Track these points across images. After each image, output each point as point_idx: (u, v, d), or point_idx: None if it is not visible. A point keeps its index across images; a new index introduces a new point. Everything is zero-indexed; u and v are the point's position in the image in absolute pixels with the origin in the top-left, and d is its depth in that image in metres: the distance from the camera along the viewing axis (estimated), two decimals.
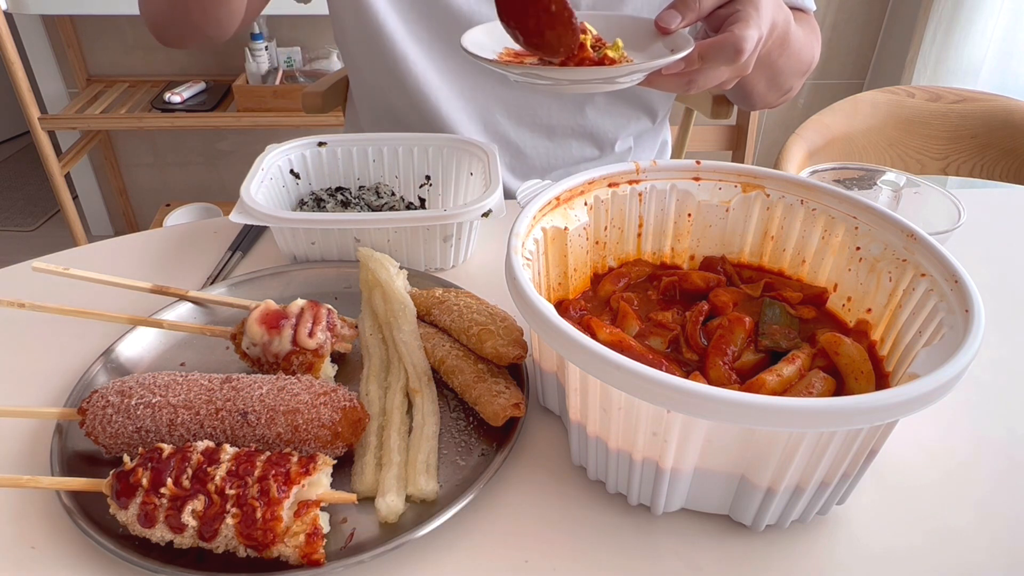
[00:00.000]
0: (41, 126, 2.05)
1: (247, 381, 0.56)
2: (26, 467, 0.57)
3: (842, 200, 0.60)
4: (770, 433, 0.44)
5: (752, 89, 0.91)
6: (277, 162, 0.87)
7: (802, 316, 0.60)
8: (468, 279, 0.77)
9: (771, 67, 0.86)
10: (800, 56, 0.88)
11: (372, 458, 0.56)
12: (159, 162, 2.56)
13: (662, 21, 0.69)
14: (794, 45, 0.84)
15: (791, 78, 0.91)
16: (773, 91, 0.93)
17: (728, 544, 0.52)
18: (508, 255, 0.53)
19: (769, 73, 0.88)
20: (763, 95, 0.94)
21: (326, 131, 1.03)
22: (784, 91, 0.94)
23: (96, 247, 0.85)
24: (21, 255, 0.78)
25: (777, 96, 0.95)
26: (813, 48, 0.91)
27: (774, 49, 0.81)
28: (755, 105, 0.98)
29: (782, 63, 0.86)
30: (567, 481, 0.56)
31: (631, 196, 0.65)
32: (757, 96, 0.94)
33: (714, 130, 1.90)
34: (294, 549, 0.48)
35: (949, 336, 0.47)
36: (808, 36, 0.91)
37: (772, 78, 0.90)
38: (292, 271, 0.78)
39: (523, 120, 1.02)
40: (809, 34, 0.92)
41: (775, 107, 1.00)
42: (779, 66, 0.86)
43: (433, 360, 0.64)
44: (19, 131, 3.26)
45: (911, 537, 0.52)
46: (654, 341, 0.58)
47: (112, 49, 2.34)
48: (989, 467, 0.58)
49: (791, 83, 0.92)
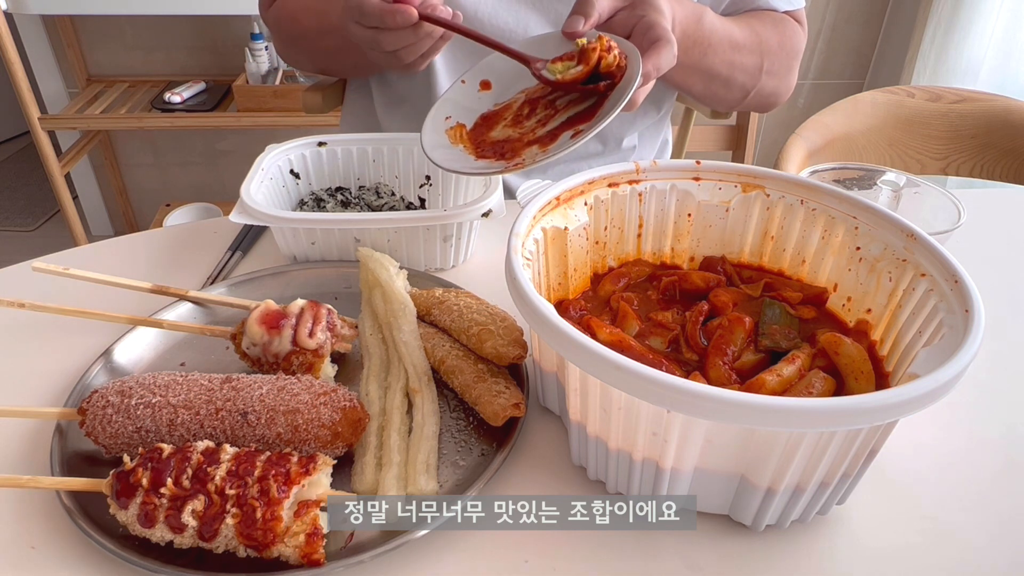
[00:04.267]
0: (41, 126, 2.05)
1: (247, 381, 0.56)
2: (26, 467, 0.57)
3: (842, 200, 0.60)
4: (770, 433, 0.44)
5: (690, 89, 0.91)
6: (277, 162, 0.87)
7: (802, 316, 0.60)
8: (468, 279, 0.77)
9: (697, 69, 0.86)
10: (738, 52, 0.87)
11: (372, 458, 0.56)
12: (159, 162, 2.56)
13: (569, 27, 0.70)
14: (717, 40, 0.84)
15: (735, 77, 0.90)
16: (721, 89, 0.91)
17: (728, 544, 0.52)
18: (508, 255, 0.53)
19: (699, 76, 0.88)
20: (711, 95, 0.92)
21: (326, 131, 1.02)
22: (738, 88, 0.92)
23: (96, 247, 0.85)
24: (21, 255, 0.78)
25: (735, 95, 0.94)
26: (764, 44, 0.90)
27: (688, 48, 0.81)
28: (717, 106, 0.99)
29: (708, 62, 0.86)
30: (567, 481, 0.56)
31: (631, 196, 0.65)
32: (705, 97, 0.94)
33: (714, 130, 1.90)
34: (294, 549, 0.48)
35: (949, 336, 0.47)
36: (759, 32, 0.90)
37: (707, 78, 0.89)
38: (292, 271, 0.78)
39: None
40: (764, 29, 0.91)
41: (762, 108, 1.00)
42: (706, 66, 0.86)
43: (433, 360, 0.64)
44: (19, 131, 3.26)
45: (911, 537, 0.52)
46: (654, 341, 0.58)
47: (112, 49, 2.33)
48: (989, 467, 0.58)
49: (741, 82, 0.91)
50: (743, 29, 0.89)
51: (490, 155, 0.69)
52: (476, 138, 0.72)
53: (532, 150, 0.67)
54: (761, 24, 0.92)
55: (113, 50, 2.34)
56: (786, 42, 0.94)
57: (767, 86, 0.94)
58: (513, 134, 0.71)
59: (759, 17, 0.94)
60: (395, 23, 0.72)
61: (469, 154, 0.70)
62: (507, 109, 0.74)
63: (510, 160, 0.67)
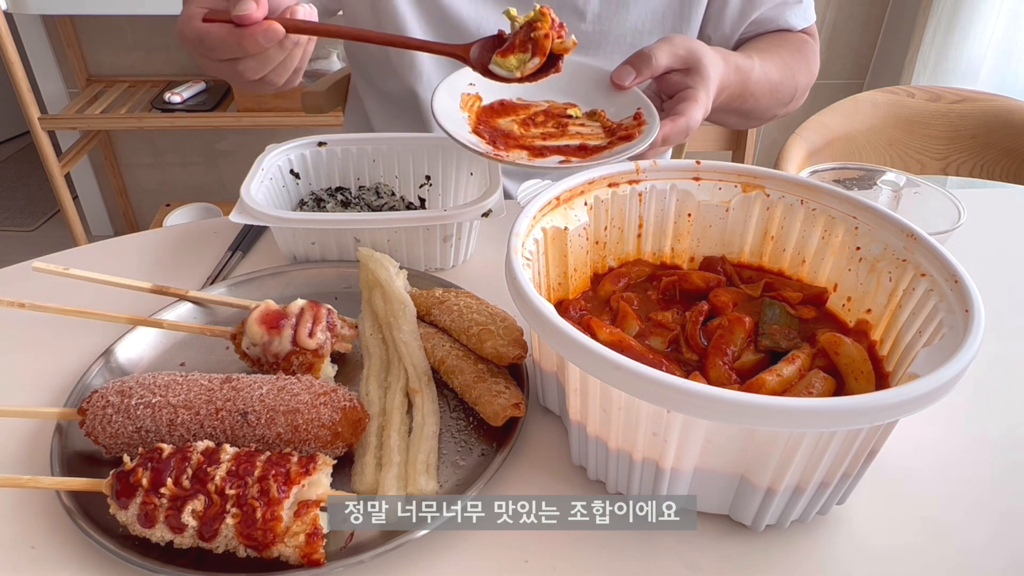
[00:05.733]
0: (41, 126, 2.05)
1: (247, 381, 0.56)
2: (26, 467, 0.57)
3: (842, 200, 0.60)
4: (770, 433, 0.44)
5: (725, 124, 0.95)
6: (277, 162, 0.87)
7: (802, 316, 0.60)
8: (468, 279, 0.77)
9: (736, 112, 0.89)
10: (775, 95, 0.91)
11: (372, 458, 0.56)
12: (159, 162, 2.56)
13: (617, 78, 0.73)
14: (761, 90, 0.87)
15: (770, 111, 0.94)
16: (752, 123, 0.98)
17: (728, 544, 0.52)
18: (508, 255, 0.53)
19: (736, 118, 0.92)
20: (742, 126, 0.98)
21: (326, 131, 1.02)
22: (766, 119, 0.97)
23: (96, 247, 0.85)
24: (21, 255, 0.78)
25: (759, 123, 0.99)
26: (796, 80, 0.94)
27: (731, 101, 0.84)
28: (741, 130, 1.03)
29: (749, 107, 0.89)
30: (567, 481, 0.56)
31: (631, 196, 0.65)
32: (735, 127, 0.98)
33: (714, 130, 1.89)
34: (294, 549, 0.48)
35: (949, 336, 0.47)
36: (790, 68, 0.92)
37: (744, 117, 0.93)
38: (292, 271, 0.78)
39: None
40: (794, 64, 0.93)
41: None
42: (746, 110, 0.90)
43: (433, 360, 0.64)
44: (19, 131, 3.26)
45: (911, 537, 0.52)
46: (654, 341, 0.58)
47: (112, 49, 2.33)
48: (988, 467, 0.58)
49: (771, 114, 0.95)
50: (779, 69, 0.91)
51: (484, 136, 0.72)
52: (483, 115, 0.74)
53: (520, 154, 0.70)
54: (790, 55, 0.94)
55: (113, 50, 2.34)
56: (812, 67, 0.97)
57: (789, 109, 0.98)
58: (515, 131, 0.73)
59: (785, 44, 0.96)
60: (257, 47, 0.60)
61: (468, 124, 0.72)
62: (524, 108, 0.76)
63: (496, 150, 0.69)
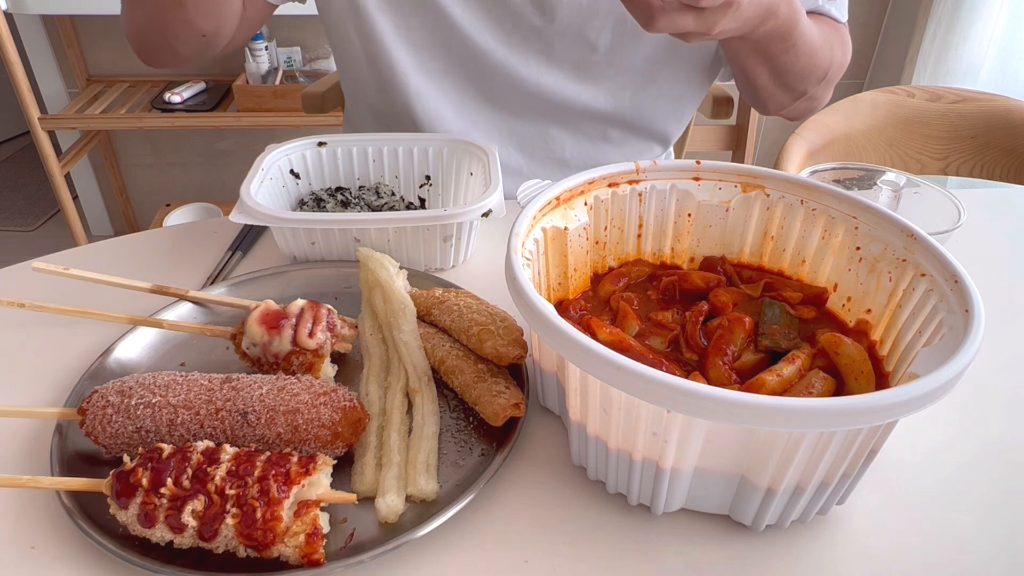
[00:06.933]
0: (41, 126, 2.05)
1: (247, 381, 0.56)
2: (26, 467, 0.57)
3: (842, 200, 0.60)
4: (770, 433, 0.44)
5: (755, 80, 0.89)
6: (277, 162, 0.87)
7: (802, 316, 0.60)
8: (468, 279, 0.77)
9: (773, 61, 0.85)
10: (813, 58, 0.86)
11: (372, 458, 0.56)
12: (159, 162, 2.56)
13: None
14: (803, 45, 0.83)
15: (802, 79, 0.89)
16: (781, 89, 0.91)
17: (728, 544, 0.52)
18: (508, 255, 0.53)
19: (771, 67, 0.87)
20: (770, 91, 0.91)
21: (326, 131, 1.03)
22: (797, 92, 0.92)
23: (96, 247, 0.85)
24: (21, 255, 0.78)
25: (790, 97, 0.93)
26: (832, 53, 0.90)
27: (775, 42, 0.80)
28: (767, 105, 0.96)
29: (787, 60, 0.85)
30: (567, 481, 0.56)
31: (631, 196, 0.65)
32: (764, 91, 0.92)
33: (714, 130, 1.90)
34: (294, 549, 0.48)
35: (949, 336, 0.47)
36: (828, 40, 0.89)
37: (777, 74, 0.88)
38: (292, 271, 0.78)
39: (536, 153, 1.03)
40: (831, 38, 0.90)
41: (796, 116, 0.99)
42: (783, 62, 0.85)
43: (433, 360, 0.64)
44: (19, 131, 3.26)
45: (911, 537, 0.52)
46: (654, 341, 0.58)
47: (112, 49, 2.34)
48: (989, 467, 0.58)
49: (804, 85, 0.91)
50: (819, 37, 0.87)
51: None
52: None
53: None
54: (827, 32, 0.91)
55: (113, 50, 2.34)
56: (846, 52, 0.94)
57: (817, 93, 0.94)
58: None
59: (822, 23, 0.92)
60: None
61: None
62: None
63: None
